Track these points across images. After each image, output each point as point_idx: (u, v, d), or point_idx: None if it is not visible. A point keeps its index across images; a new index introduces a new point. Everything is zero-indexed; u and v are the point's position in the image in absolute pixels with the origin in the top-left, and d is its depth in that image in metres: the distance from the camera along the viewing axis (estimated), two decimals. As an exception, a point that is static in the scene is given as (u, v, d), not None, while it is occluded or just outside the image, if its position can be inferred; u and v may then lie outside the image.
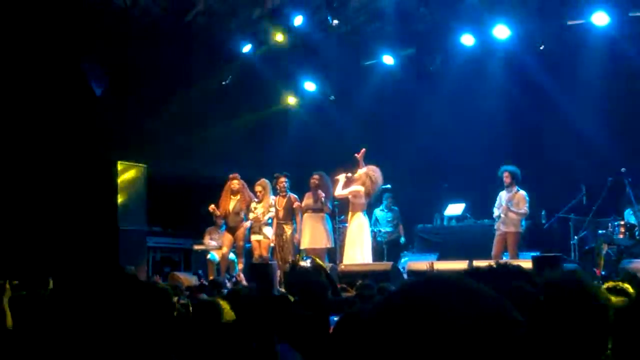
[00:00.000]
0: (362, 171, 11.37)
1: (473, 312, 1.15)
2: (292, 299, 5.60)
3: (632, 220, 10.87)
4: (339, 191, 11.40)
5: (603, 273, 9.87)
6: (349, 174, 11.41)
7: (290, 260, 10.91)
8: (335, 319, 3.16)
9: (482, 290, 1.21)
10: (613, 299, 2.40)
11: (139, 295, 2.96)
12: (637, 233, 10.51)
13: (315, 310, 4.61)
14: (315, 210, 11.47)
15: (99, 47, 12.59)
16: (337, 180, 11.43)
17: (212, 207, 12.13)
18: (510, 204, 11.08)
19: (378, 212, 13.85)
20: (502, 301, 1.20)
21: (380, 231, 13.58)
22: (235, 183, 11.99)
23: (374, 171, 11.38)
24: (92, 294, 3.15)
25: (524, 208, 11.08)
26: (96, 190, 12.22)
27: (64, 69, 12.17)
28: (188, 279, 11.29)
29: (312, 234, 11.40)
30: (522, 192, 11.19)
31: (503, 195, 11.35)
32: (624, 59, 12.36)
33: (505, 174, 11.25)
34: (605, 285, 4.13)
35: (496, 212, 11.39)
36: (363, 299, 4.94)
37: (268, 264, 10.76)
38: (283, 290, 8.80)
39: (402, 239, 13.97)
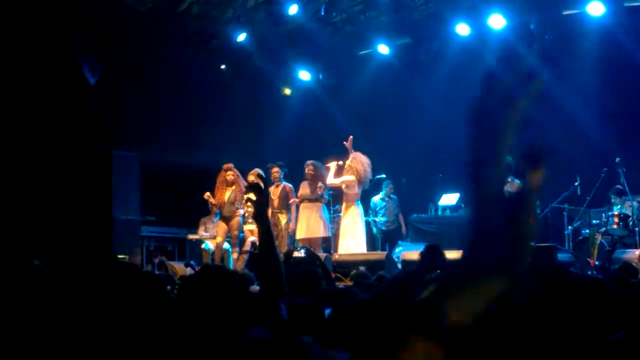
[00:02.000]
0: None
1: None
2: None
3: (624, 210, 10.87)
4: (331, 179, 11.32)
5: (597, 263, 9.90)
6: (340, 162, 11.35)
7: (284, 250, 10.88)
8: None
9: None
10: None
11: (133, 283, 2.94)
12: (630, 223, 10.52)
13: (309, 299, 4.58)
14: (312, 200, 11.42)
15: (92, 36, 12.52)
16: (329, 168, 11.37)
17: (207, 194, 12.07)
18: (510, 191, 11.09)
19: (377, 200, 13.50)
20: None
21: (375, 221, 13.41)
22: (230, 174, 11.90)
23: (357, 159, 11.22)
24: (85, 281, 3.12)
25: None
26: (90, 179, 12.16)
27: (57, 58, 12.09)
28: (182, 268, 11.26)
29: (309, 223, 11.35)
30: (517, 182, 11.17)
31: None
32: (619, 48, 12.32)
33: (500, 164, 11.21)
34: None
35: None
36: (362, 288, 4.90)
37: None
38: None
39: (404, 232, 13.51)
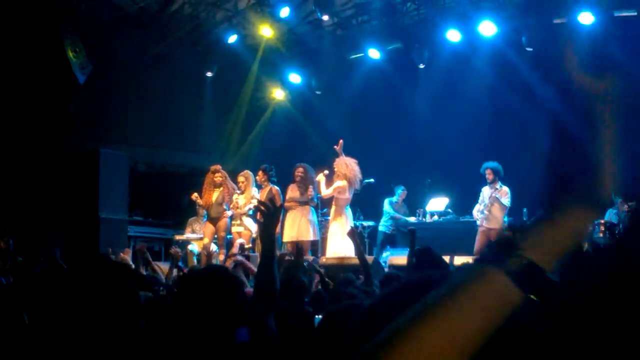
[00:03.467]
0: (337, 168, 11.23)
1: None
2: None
3: (614, 219, 10.90)
4: (324, 191, 11.20)
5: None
6: (326, 171, 11.26)
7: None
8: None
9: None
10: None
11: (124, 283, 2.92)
12: (616, 232, 10.55)
13: (294, 304, 4.58)
14: (301, 203, 11.37)
15: (82, 34, 12.46)
16: (319, 182, 11.27)
17: (194, 195, 12.02)
18: (498, 197, 11.16)
19: (393, 204, 13.71)
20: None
21: (395, 217, 13.52)
22: (218, 176, 11.84)
23: (341, 164, 11.08)
24: (75, 280, 3.11)
25: (507, 201, 11.16)
26: (77, 178, 12.10)
27: (47, 56, 12.03)
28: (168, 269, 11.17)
29: (299, 226, 11.27)
30: (505, 188, 11.25)
31: (485, 191, 11.38)
32: (609, 57, 12.36)
33: (487, 171, 11.28)
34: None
35: (477, 208, 11.46)
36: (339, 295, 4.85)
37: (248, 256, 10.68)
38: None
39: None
